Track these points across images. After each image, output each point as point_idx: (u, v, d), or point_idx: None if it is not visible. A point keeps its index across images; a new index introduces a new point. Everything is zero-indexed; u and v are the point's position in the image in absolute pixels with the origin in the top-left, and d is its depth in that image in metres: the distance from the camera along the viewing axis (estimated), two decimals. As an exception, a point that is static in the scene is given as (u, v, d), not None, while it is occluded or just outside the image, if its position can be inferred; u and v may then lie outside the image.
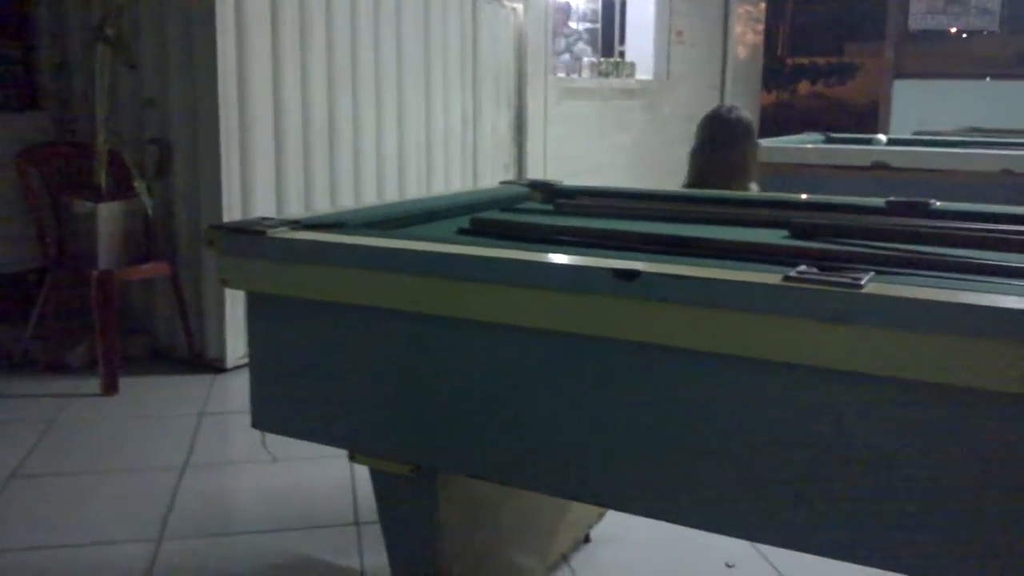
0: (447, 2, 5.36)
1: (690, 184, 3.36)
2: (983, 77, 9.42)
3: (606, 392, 1.50)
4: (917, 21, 9.31)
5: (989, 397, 1.20)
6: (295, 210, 4.39)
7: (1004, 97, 8.86)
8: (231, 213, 4.15)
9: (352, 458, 1.78)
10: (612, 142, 7.83)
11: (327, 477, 3.13)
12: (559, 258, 1.53)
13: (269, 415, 1.88)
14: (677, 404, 1.44)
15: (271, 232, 1.75)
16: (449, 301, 1.55)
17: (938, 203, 2.16)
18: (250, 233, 1.75)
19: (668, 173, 8.72)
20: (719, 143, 3.31)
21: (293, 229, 1.79)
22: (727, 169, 3.25)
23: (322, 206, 4.52)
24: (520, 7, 6.14)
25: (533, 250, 1.60)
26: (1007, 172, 3.63)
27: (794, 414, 1.35)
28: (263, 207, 4.26)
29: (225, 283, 1.84)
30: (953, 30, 9.50)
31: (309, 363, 1.77)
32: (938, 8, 9.31)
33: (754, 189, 3.36)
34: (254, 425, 1.91)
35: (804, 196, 2.42)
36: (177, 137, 4.30)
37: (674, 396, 1.44)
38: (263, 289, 1.80)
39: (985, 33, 9.38)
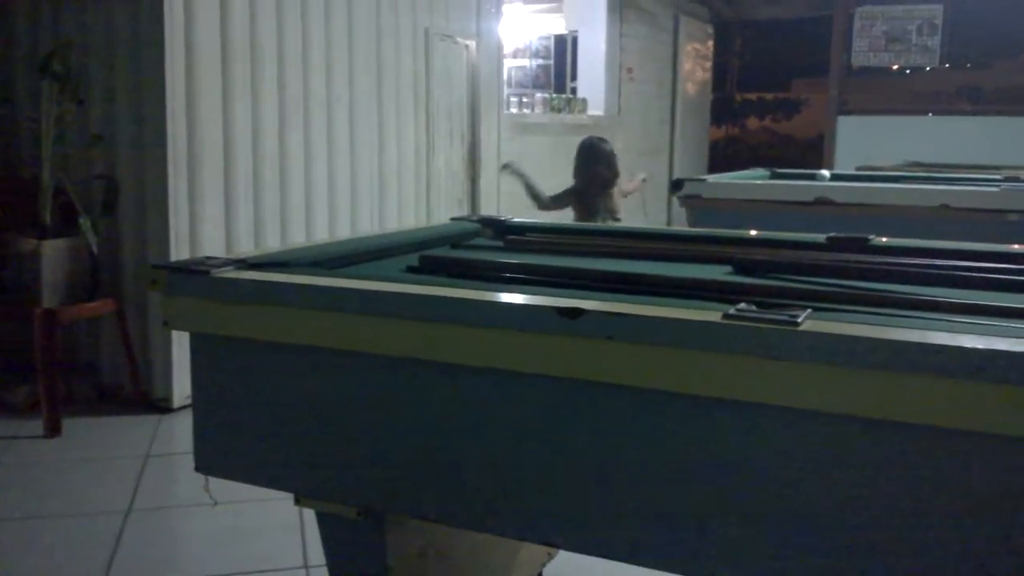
0: (400, 38, 5.40)
1: (573, 189, 5.03)
2: (924, 112, 9.72)
3: (552, 431, 1.50)
4: (860, 58, 9.58)
5: (923, 432, 1.22)
6: (245, 246, 4.35)
7: (944, 132, 9.14)
8: (179, 249, 4.10)
9: (297, 502, 1.75)
10: (565, 177, 7.89)
11: (276, 519, 3.07)
12: (504, 297, 1.53)
13: (213, 459, 1.84)
14: (623, 442, 1.45)
15: (215, 272, 1.72)
16: (393, 341, 1.54)
17: (877, 238, 2.21)
18: (194, 273, 1.73)
19: (624, 204, 8.82)
20: (590, 160, 4.97)
21: (238, 269, 1.77)
22: (594, 178, 4.91)
23: (272, 241, 4.49)
24: (473, 44, 6.20)
25: (480, 289, 1.60)
26: (945, 207, 3.74)
27: (738, 450, 1.36)
28: (212, 243, 4.21)
29: (168, 324, 1.81)
30: (895, 67, 9.80)
31: (254, 405, 1.74)
32: (880, 46, 9.60)
33: (616, 196, 4.98)
34: (198, 469, 1.87)
35: (747, 232, 2.46)
36: (124, 173, 4.25)
37: (620, 434, 1.45)
38: (207, 330, 1.77)
39: (927, 69, 9.69)
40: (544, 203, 5.14)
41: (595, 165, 4.89)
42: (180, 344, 4.16)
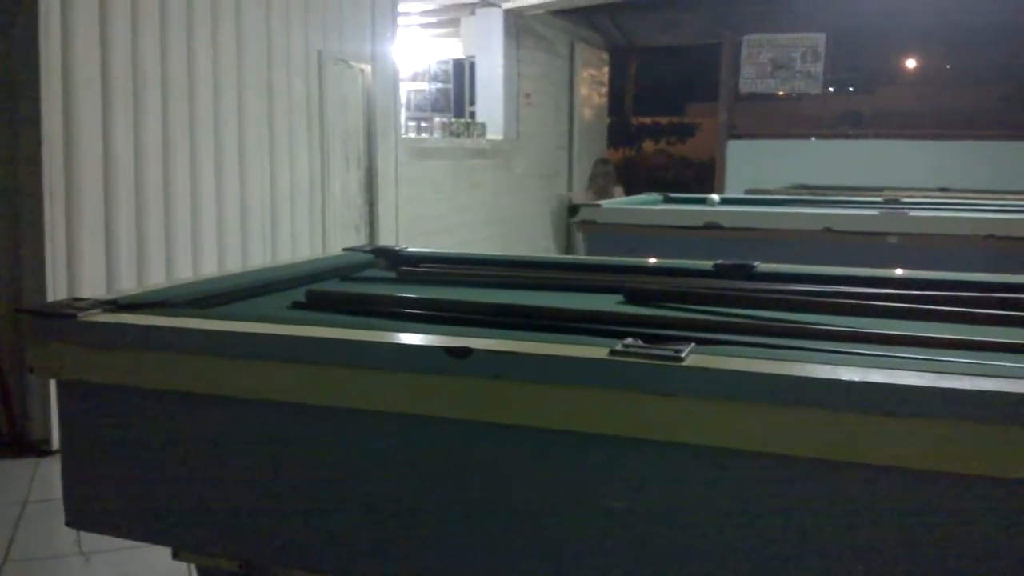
0: (291, 61, 5.30)
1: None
2: (808, 137, 10.13)
3: (444, 474, 1.46)
4: (748, 85, 9.91)
5: (804, 464, 1.23)
6: (127, 281, 4.16)
7: (828, 155, 9.54)
8: (56, 285, 3.90)
9: (176, 556, 1.66)
10: (466, 201, 7.89)
11: (164, 568, 2.92)
12: (391, 337, 1.49)
13: (85, 512, 1.74)
14: (517, 483, 1.42)
15: (82, 315, 1.63)
16: (272, 385, 1.48)
17: (761, 265, 2.26)
18: (59, 317, 1.63)
19: (523, 230, 8.86)
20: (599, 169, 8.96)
21: (107, 311, 1.67)
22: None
23: (157, 276, 4.31)
24: (368, 68, 6.14)
25: (365, 328, 1.56)
26: (828, 230, 3.88)
27: (629, 487, 1.35)
28: (91, 278, 4.01)
29: (34, 371, 1.70)
30: (781, 93, 10.18)
31: (127, 456, 1.65)
32: (766, 73, 9.95)
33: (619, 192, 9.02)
34: (69, 524, 1.76)
35: (638, 260, 2.48)
36: (-4, 204, 4.01)
37: (513, 475, 1.42)
38: (75, 377, 1.67)
39: (812, 95, 10.10)
40: None
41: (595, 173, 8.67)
42: (59, 383, 3.93)
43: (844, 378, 1.20)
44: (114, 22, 4.15)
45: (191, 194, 4.57)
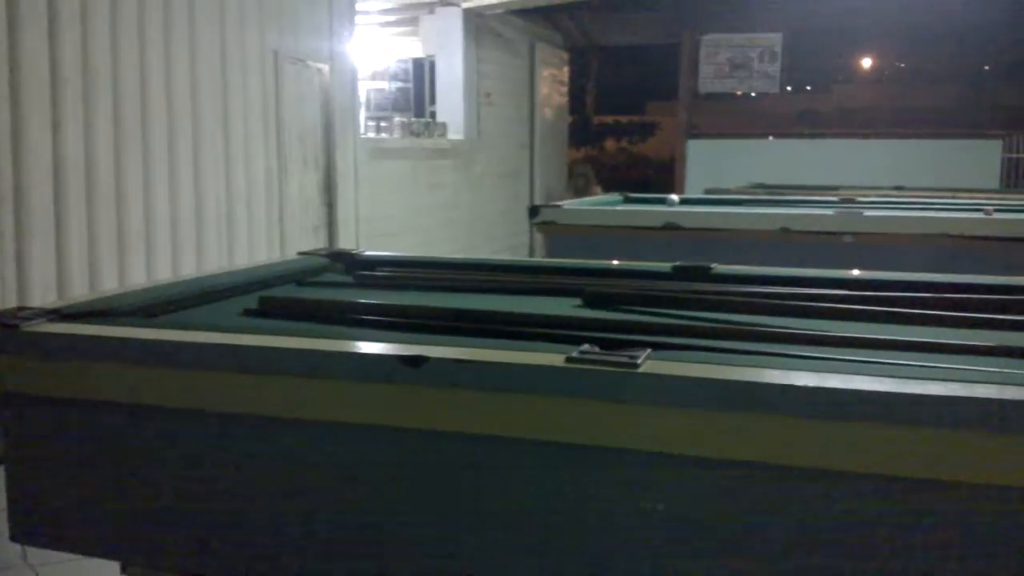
0: (247, 60, 5.22)
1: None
2: (766, 135, 10.25)
3: (400, 485, 1.43)
4: (706, 84, 10.00)
5: (760, 470, 1.23)
6: (78, 287, 4.07)
7: (785, 154, 9.65)
8: (5, 293, 3.80)
9: (124, 570, 1.62)
10: (427, 201, 7.85)
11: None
12: (344, 345, 1.46)
13: (30, 527, 1.69)
14: (475, 493, 1.40)
15: (25, 325, 1.58)
16: (221, 396, 1.45)
17: (719, 267, 2.27)
18: (0, 327, 1.58)
19: (485, 228, 8.84)
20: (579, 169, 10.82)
21: (52, 320, 1.62)
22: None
23: (110, 282, 4.22)
24: (326, 67, 6.08)
25: (319, 335, 1.53)
26: (785, 230, 3.91)
27: (587, 495, 1.34)
28: (41, 285, 3.92)
29: (-28, 383, 1.64)
30: (739, 93, 10.29)
31: (73, 469, 1.60)
32: (725, 73, 10.05)
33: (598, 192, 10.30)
34: (13, 538, 1.71)
35: (597, 262, 2.48)
36: (-59, 207, 3.90)
37: (470, 485, 1.40)
38: (18, 389, 1.62)
39: (770, 94, 10.22)
40: None
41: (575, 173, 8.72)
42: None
43: (799, 383, 1.20)
44: (63, 19, 4.06)
45: (144, 197, 4.48)
